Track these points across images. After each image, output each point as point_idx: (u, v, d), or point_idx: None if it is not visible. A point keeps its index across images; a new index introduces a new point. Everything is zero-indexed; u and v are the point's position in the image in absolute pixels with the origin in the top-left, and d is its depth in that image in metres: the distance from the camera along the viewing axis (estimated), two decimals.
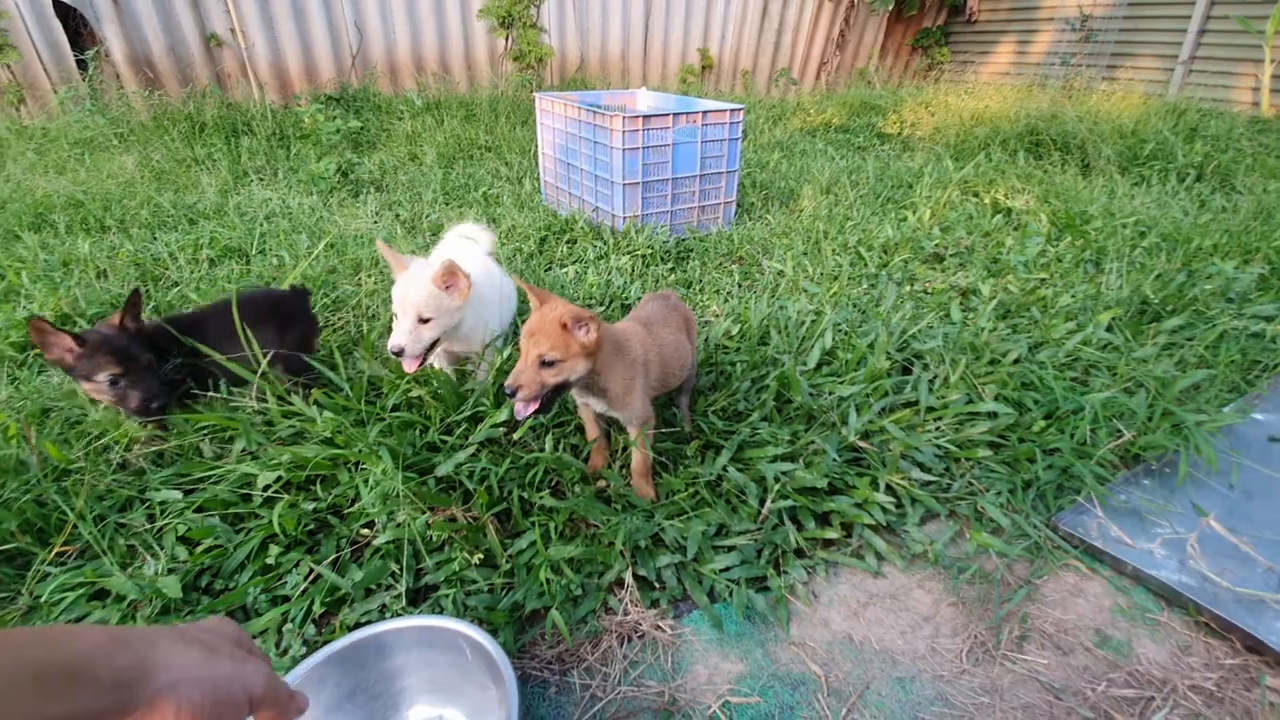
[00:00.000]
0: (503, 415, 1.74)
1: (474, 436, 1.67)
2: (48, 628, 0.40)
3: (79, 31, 5.25)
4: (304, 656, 1.27)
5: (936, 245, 3.17)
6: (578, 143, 3.43)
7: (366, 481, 1.54)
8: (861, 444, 1.79)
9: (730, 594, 1.47)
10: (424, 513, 1.52)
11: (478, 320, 1.88)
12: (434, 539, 1.51)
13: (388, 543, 1.47)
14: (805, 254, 3.09)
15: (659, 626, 1.41)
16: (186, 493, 1.56)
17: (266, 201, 3.53)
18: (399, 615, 1.36)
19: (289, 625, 1.34)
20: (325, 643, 1.23)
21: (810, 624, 1.45)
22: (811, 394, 1.93)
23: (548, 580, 1.42)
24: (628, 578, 1.46)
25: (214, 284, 2.55)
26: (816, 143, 5.57)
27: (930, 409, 1.96)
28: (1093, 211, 3.48)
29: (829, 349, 2.15)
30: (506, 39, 6.42)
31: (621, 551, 1.49)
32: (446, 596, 1.40)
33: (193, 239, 2.94)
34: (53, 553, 1.41)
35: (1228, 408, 2.05)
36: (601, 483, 1.70)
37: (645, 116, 3.12)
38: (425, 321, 1.70)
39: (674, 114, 3.19)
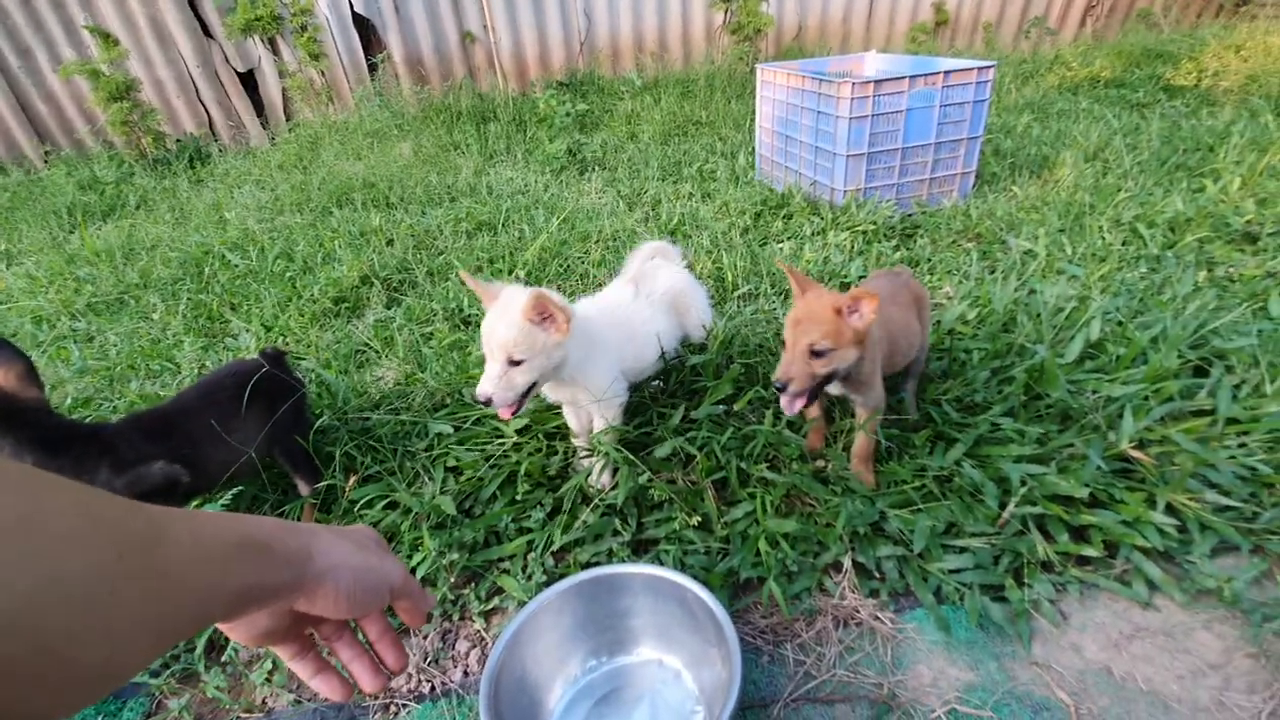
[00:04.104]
0: (723, 393, 1.77)
1: (697, 412, 1.73)
2: (234, 514, 0.47)
3: (369, 39, 6.26)
4: (545, 584, 1.44)
5: (1248, 222, 2.56)
6: (799, 114, 3.31)
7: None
8: (1135, 453, 1.53)
9: (961, 597, 1.36)
10: (645, 473, 1.61)
11: (586, 362, 1.55)
12: (654, 498, 1.60)
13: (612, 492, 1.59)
14: (1063, 231, 2.69)
15: (878, 617, 1.36)
16: (455, 429, 1.83)
17: (510, 180, 3.94)
18: (623, 561, 1.48)
19: (533, 554, 1.52)
20: (562, 575, 1.38)
21: (1057, 646, 1.30)
22: (1070, 391, 1.69)
23: (765, 551, 1.44)
24: (846, 562, 1.43)
25: (471, 253, 2.93)
26: (1079, 101, 4.76)
27: (1233, 421, 1.61)
28: None
29: (1095, 341, 1.85)
30: (726, 13, 6.38)
31: (841, 535, 1.45)
32: (666, 552, 1.49)
33: (453, 214, 3.39)
34: (351, 481, 1.74)
35: None
36: (820, 462, 1.66)
37: (877, 81, 2.91)
38: (517, 364, 1.41)
39: (910, 76, 2.93)
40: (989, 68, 2.99)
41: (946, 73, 2.96)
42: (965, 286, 2.34)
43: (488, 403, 1.42)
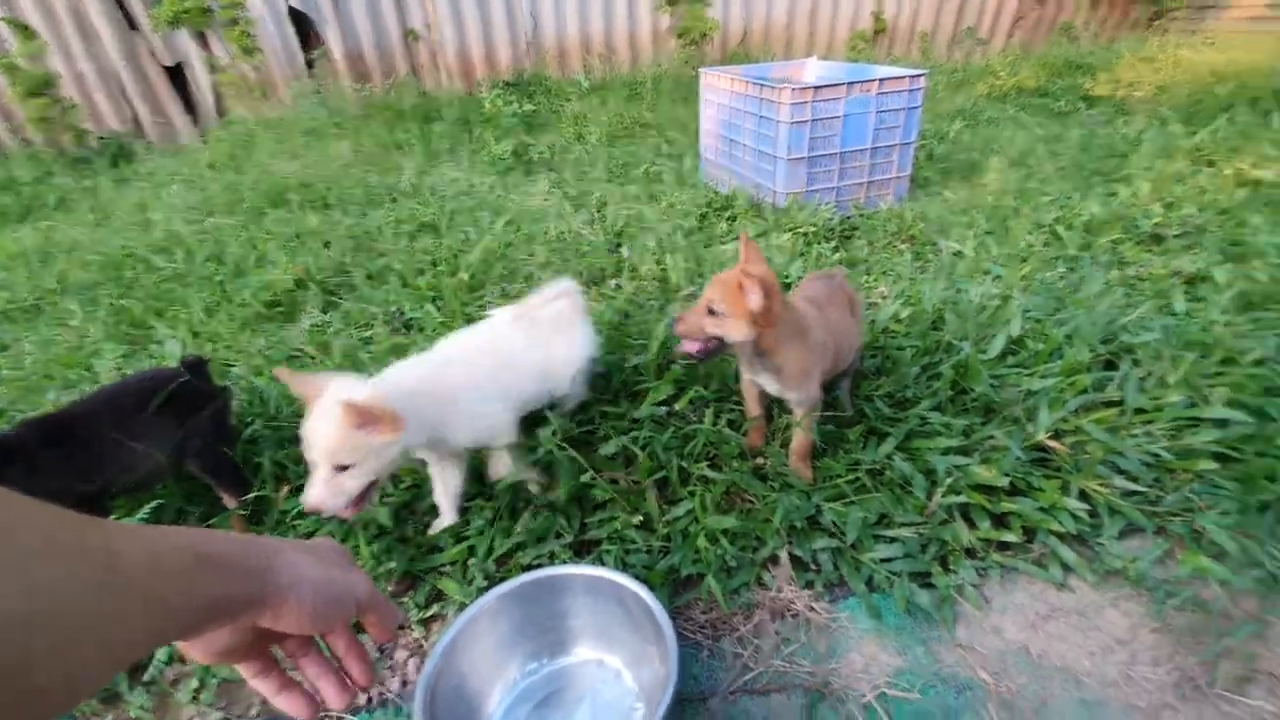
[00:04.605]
0: (664, 394, 1.79)
1: (639, 412, 1.74)
2: (192, 529, 0.46)
3: (306, 34, 6.07)
4: (486, 589, 1.42)
5: (1156, 224, 2.74)
6: (742, 118, 3.37)
7: (534, 450, 1.67)
8: (1051, 443, 1.62)
9: (890, 585, 1.41)
10: (587, 472, 1.62)
11: (443, 428, 1.43)
12: (597, 498, 1.61)
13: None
14: (990, 233, 2.82)
15: (813, 608, 1.40)
16: None
17: (455, 181, 3.89)
18: (565, 563, 1.47)
19: (473, 560, 1.51)
20: (504, 579, 1.37)
21: (979, 629, 1.36)
22: (993, 385, 1.78)
23: (704, 548, 1.46)
24: (783, 556, 1.46)
25: (413, 255, 2.87)
26: (1006, 109, 5.00)
27: (1140, 411, 1.72)
28: None
29: (1016, 337, 1.95)
30: (671, 15, 6.44)
31: (778, 529, 1.49)
32: (608, 552, 1.49)
33: (395, 215, 3.32)
34: (284, 491, 1.68)
35: None
36: (759, 460, 1.70)
37: (816, 87, 2.99)
38: (345, 468, 1.25)
39: (847, 84, 3.03)
40: (920, 75, 3.11)
41: (881, 80, 3.06)
42: (899, 286, 2.43)
43: (317, 512, 1.24)
